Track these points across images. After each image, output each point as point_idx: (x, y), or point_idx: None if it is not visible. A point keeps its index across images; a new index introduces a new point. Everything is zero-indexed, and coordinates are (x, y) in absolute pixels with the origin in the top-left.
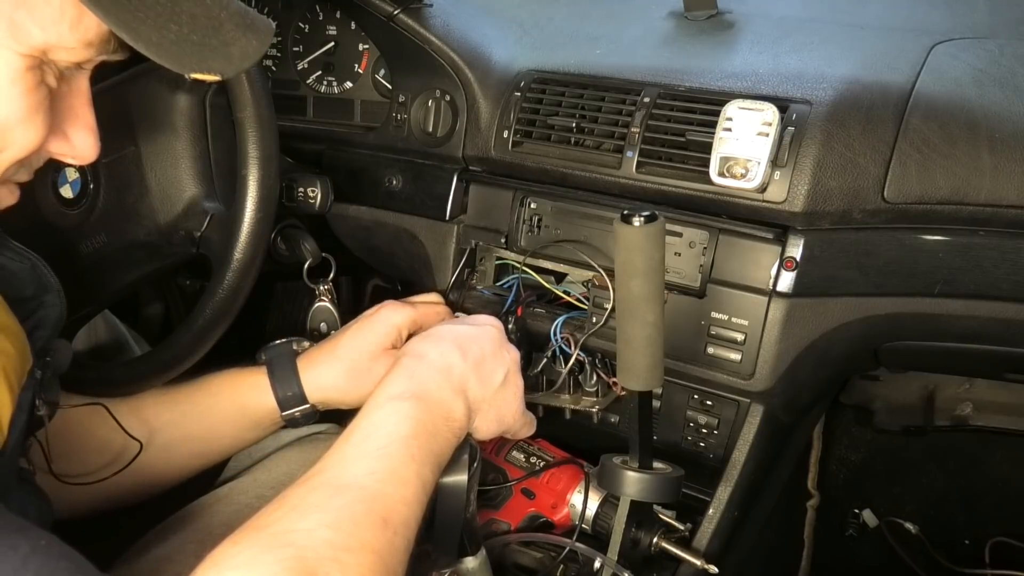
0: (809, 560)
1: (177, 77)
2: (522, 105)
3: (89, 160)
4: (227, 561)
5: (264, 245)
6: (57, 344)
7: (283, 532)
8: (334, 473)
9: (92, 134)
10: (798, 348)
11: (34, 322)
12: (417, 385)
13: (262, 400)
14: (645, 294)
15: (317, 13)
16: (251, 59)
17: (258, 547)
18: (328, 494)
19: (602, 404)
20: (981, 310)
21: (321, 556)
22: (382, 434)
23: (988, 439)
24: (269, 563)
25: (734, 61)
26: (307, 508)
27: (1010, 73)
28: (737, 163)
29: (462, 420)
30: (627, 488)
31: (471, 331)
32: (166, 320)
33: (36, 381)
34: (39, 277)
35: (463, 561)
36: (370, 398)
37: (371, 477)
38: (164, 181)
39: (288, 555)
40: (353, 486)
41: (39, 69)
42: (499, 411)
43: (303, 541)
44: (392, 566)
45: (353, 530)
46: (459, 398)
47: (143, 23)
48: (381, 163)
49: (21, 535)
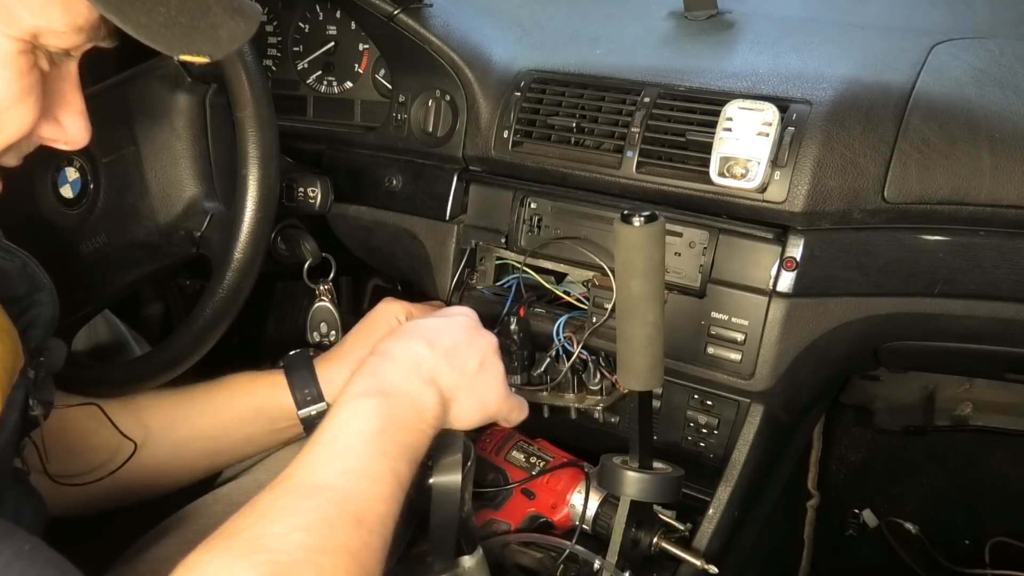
0: (809, 560)
1: (177, 77)
2: (522, 105)
3: (80, 145)
4: (200, 569)
5: (264, 245)
6: (51, 344)
7: (255, 537)
8: (304, 476)
9: (83, 118)
10: (798, 348)
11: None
12: (382, 381)
13: (278, 400)
14: (645, 294)
15: (317, 13)
16: (239, 41)
17: (230, 554)
18: (299, 497)
19: (606, 402)
20: (981, 310)
21: (295, 559)
22: (350, 433)
23: (988, 439)
24: (243, 569)
25: (734, 61)
26: (279, 512)
27: (1010, 73)
28: (737, 163)
29: (436, 410)
30: (627, 488)
31: (440, 323)
32: (166, 320)
33: (29, 380)
34: (31, 276)
35: (460, 561)
36: (337, 400)
37: (342, 477)
38: (164, 181)
39: (262, 560)
40: (324, 487)
41: (32, 53)
42: (480, 397)
43: (276, 545)
44: (369, 566)
45: (327, 532)
46: (430, 388)
47: (132, 6)
48: (381, 163)
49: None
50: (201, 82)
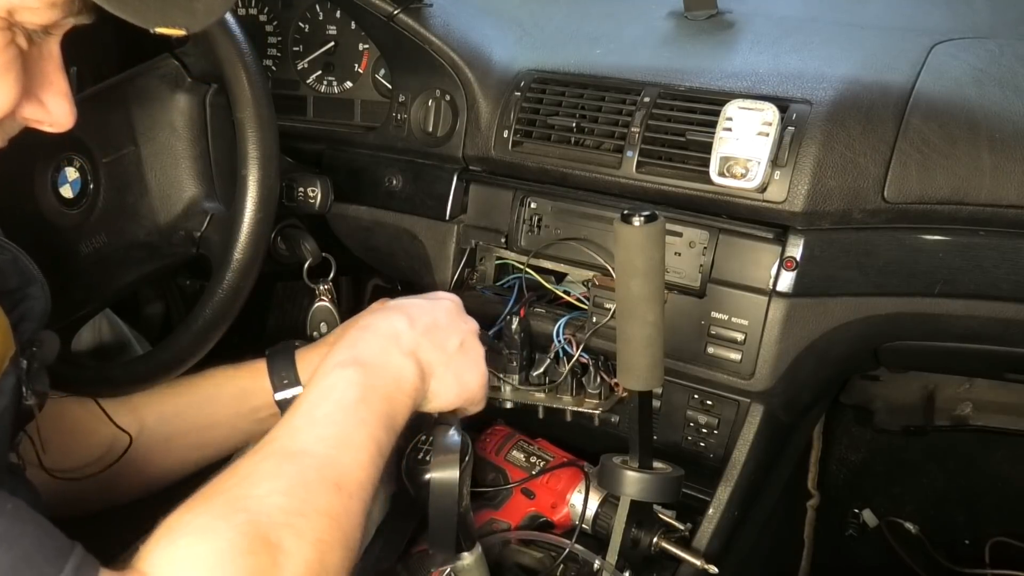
0: (809, 560)
1: (177, 77)
2: (522, 105)
3: (66, 127)
4: (181, 528)
5: (264, 245)
6: (43, 335)
7: (237, 499)
8: (284, 442)
9: (67, 100)
10: (798, 348)
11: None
12: (361, 352)
13: (259, 385)
14: (645, 294)
15: (317, 13)
16: (215, 14)
17: (211, 514)
18: (279, 461)
19: (604, 406)
20: (981, 310)
21: (275, 521)
22: (330, 401)
23: (988, 439)
24: (223, 529)
25: (734, 61)
26: (259, 476)
27: (1010, 73)
28: (737, 163)
29: (415, 381)
30: (627, 488)
31: (423, 303)
32: (166, 320)
33: (21, 370)
34: (22, 270)
35: (459, 557)
36: (317, 369)
37: (322, 443)
38: (164, 181)
39: (242, 520)
40: (304, 453)
41: (8, 31)
42: (458, 375)
43: (256, 507)
44: (348, 529)
45: (306, 495)
46: (409, 360)
47: None
48: (381, 163)
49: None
50: (201, 82)
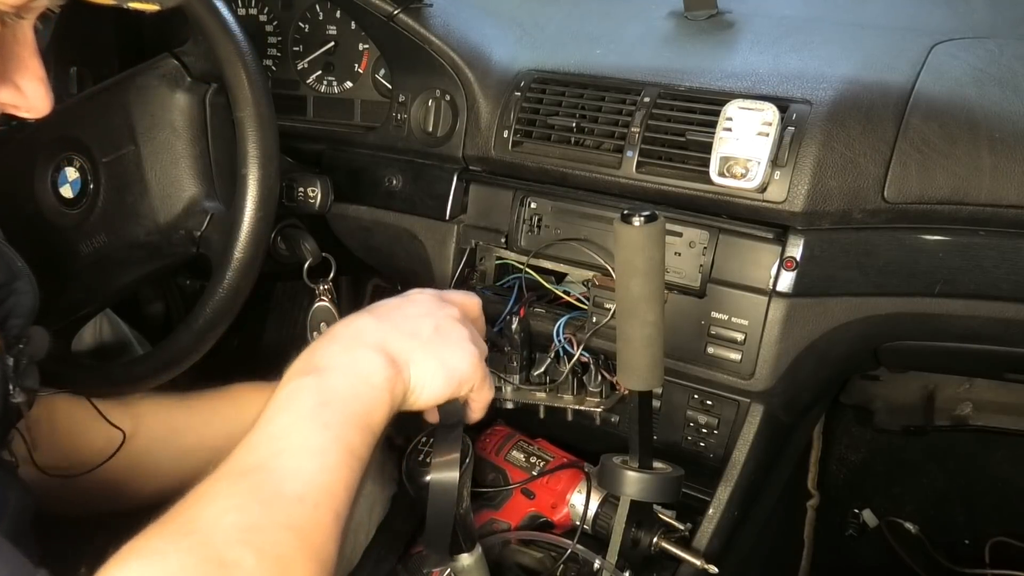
0: (809, 560)
1: (177, 76)
2: (522, 105)
3: (42, 112)
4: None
5: (264, 245)
6: (32, 331)
7: (188, 521)
8: (239, 461)
9: (43, 85)
10: (798, 348)
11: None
12: (320, 358)
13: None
14: (645, 294)
15: (317, 13)
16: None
17: (162, 539)
18: (234, 480)
19: (606, 405)
20: (981, 310)
21: (229, 539)
22: (287, 411)
23: (988, 439)
24: (171, 552)
25: (734, 61)
26: (212, 496)
27: (1010, 73)
28: (737, 163)
29: (386, 372)
30: (627, 488)
31: (393, 300)
32: (166, 320)
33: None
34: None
35: (458, 558)
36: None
37: (279, 457)
38: (164, 181)
39: (194, 542)
40: (260, 467)
41: None
42: (441, 359)
43: (208, 527)
44: (317, 541)
45: (262, 510)
46: (375, 353)
47: None
48: (381, 163)
49: None
50: (201, 82)
